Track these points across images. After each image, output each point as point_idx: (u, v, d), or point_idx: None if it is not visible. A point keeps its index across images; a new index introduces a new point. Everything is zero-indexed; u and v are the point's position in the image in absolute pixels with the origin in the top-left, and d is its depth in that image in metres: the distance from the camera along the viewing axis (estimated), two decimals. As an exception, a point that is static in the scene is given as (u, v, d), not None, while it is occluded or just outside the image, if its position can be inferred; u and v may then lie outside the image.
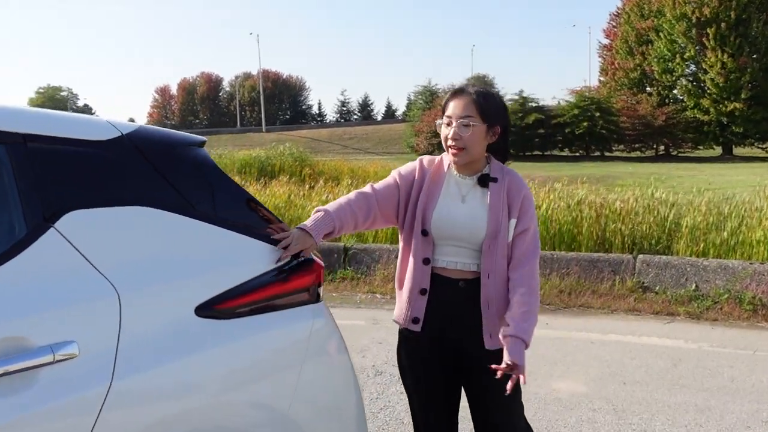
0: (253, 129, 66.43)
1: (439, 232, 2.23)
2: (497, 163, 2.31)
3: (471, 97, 2.21)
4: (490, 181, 2.24)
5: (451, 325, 2.25)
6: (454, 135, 2.18)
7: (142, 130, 1.86)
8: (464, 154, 2.20)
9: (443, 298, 2.24)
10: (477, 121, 2.18)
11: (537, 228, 2.27)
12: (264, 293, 1.83)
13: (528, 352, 2.17)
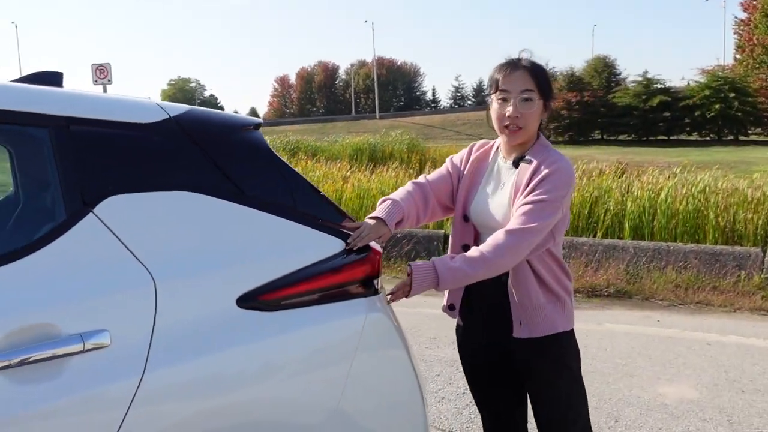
0: (367, 116, 67.30)
1: (479, 219, 2.13)
2: (544, 144, 2.10)
3: (528, 70, 2.02)
4: (522, 162, 2.07)
5: (487, 314, 2.14)
6: (515, 112, 2.01)
7: (192, 112, 1.79)
8: (522, 133, 2.04)
9: (481, 288, 2.10)
10: (536, 96, 2.01)
11: (549, 207, 1.95)
12: (313, 284, 1.71)
13: (633, 351, 1.98)
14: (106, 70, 10.56)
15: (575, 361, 2.13)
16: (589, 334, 4.78)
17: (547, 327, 2.05)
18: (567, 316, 2.10)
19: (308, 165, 14.91)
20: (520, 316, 2.06)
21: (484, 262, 1.94)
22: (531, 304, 2.04)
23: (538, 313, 2.04)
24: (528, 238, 1.95)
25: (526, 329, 2.05)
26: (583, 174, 11.10)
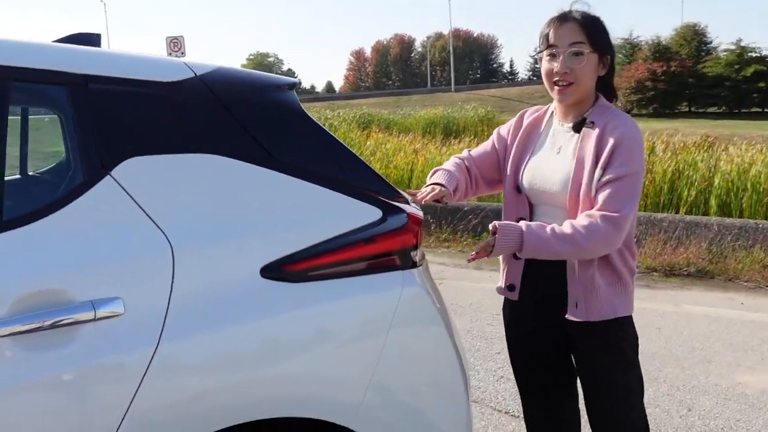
0: (442, 89, 66.61)
1: (532, 190, 1.95)
2: (605, 104, 1.91)
3: (578, 22, 1.84)
4: (585, 126, 1.87)
5: (548, 296, 1.96)
6: (563, 67, 1.83)
7: (221, 71, 1.68)
8: (573, 90, 1.85)
9: (539, 266, 1.93)
10: (588, 49, 1.82)
11: (636, 182, 1.79)
12: (343, 255, 1.59)
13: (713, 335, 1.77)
14: (180, 43, 10.73)
15: (633, 350, 1.95)
16: (664, 315, 4.49)
17: (606, 310, 1.87)
18: (628, 299, 1.92)
19: (380, 137, 14.83)
20: (577, 296, 1.88)
21: (574, 245, 1.77)
22: (591, 284, 1.86)
23: (598, 294, 1.86)
24: (625, 227, 1.78)
25: (583, 311, 1.87)
26: (667, 147, 10.54)
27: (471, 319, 4.59)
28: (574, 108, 1.91)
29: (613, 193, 1.77)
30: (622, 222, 1.77)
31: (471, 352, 3.95)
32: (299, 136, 1.70)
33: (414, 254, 1.70)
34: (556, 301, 1.92)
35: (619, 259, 1.88)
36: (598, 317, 1.86)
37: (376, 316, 1.62)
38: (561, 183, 1.87)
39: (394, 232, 1.67)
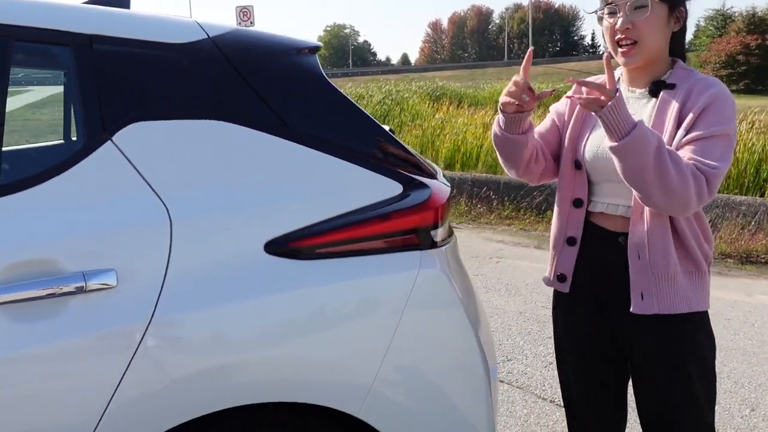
0: (519, 62, 64.84)
1: (595, 165, 1.70)
2: (685, 68, 1.66)
3: None
4: (664, 88, 1.62)
5: (605, 287, 1.73)
6: (624, 23, 1.59)
7: (237, 32, 1.59)
8: (639, 50, 1.61)
9: (598, 254, 1.72)
10: (652, 0, 1.57)
11: (728, 144, 1.54)
12: (355, 232, 1.49)
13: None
14: (249, 13, 10.76)
15: (710, 352, 1.69)
16: (735, 306, 4.19)
17: (679, 303, 1.63)
18: (705, 291, 1.67)
19: (450, 111, 14.59)
20: (643, 285, 1.63)
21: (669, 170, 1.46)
22: (665, 272, 1.61)
23: (671, 284, 1.62)
24: (715, 186, 1.52)
25: (651, 303, 1.62)
26: (753, 126, 9.89)
27: (525, 301, 4.42)
28: (646, 71, 1.66)
29: (702, 150, 1.51)
30: (716, 177, 1.50)
31: (521, 336, 3.79)
32: (318, 104, 1.59)
33: (434, 233, 1.57)
34: (617, 294, 1.69)
35: (696, 243, 1.64)
36: (668, 309, 1.62)
37: (390, 298, 1.51)
38: None
39: (413, 209, 1.54)
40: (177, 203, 1.37)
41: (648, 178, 1.48)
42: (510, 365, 3.40)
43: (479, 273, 5.08)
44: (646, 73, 1.67)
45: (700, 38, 50.31)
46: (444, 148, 11.27)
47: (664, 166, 1.47)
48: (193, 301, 1.34)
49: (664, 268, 1.61)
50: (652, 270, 1.62)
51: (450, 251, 1.71)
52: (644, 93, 1.67)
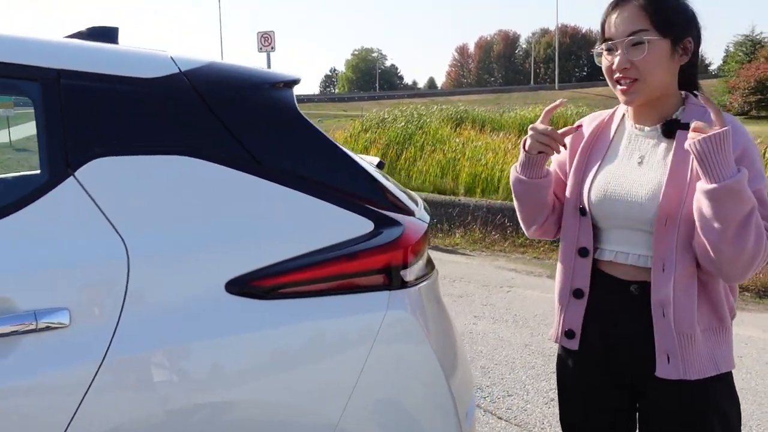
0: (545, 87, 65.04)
1: (602, 210, 1.59)
2: (698, 104, 1.54)
3: (637, 3, 1.50)
4: (679, 128, 1.51)
5: (619, 341, 1.60)
6: (622, 62, 1.50)
7: (211, 67, 1.58)
8: (640, 88, 1.51)
9: (608, 305, 1.60)
10: (653, 35, 1.48)
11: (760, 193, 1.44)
12: (320, 272, 1.45)
13: None
14: (270, 38, 10.90)
15: (735, 415, 1.57)
16: (749, 342, 4.05)
17: (706, 365, 1.51)
18: (730, 348, 1.56)
19: (471, 135, 14.56)
20: (668, 347, 1.50)
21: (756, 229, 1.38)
22: (690, 332, 1.49)
23: (697, 344, 1.50)
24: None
25: (678, 367, 1.50)
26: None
27: (532, 333, 4.33)
28: (654, 107, 1.56)
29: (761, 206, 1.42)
30: None
31: (525, 370, 3.71)
32: (290, 140, 1.57)
33: (405, 273, 1.53)
34: (632, 349, 1.57)
35: (723, 297, 1.53)
36: (697, 374, 1.50)
37: (355, 339, 1.47)
38: (647, 200, 1.51)
39: (383, 248, 1.51)
40: (136, 241, 1.35)
41: (728, 235, 1.37)
42: (510, 401, 3.32)
43: (488, 303, 5.01)
44: (655, 110, 1.57)
45: (729, 64, 49.74)
46: (464, 173, 11.24)
47: (747, 234, 1.37)
48: (148, 342, 1.32)
49: (690, 327, 1.49)
50: (677, 329, 1.49)
51: (427, 289, 1.66)
52: (653, 131, 1.57)
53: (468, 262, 6.32)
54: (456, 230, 7.32)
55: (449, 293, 5.22)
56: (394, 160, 13.06)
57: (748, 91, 40.90)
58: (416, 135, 14.54)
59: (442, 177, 11.64)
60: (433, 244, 7.14)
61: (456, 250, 6.87)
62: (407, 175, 12.28)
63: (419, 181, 11.81)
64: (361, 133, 15.86)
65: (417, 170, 12.19)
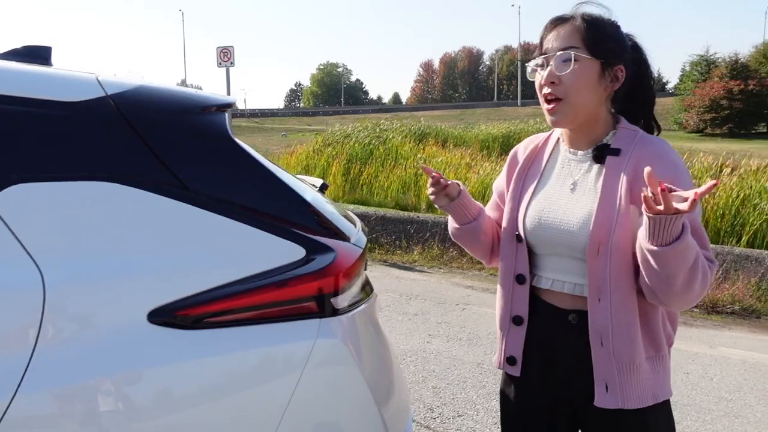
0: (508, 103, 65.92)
1: (537, 237, 1.59)
2: (629, 128, 1.55)
3: (575, 23, 1.51)
4: (608, 153, 1.52)
5: (559, 369, 1.60)
6: (549, 77, 1.50)
7: (140, 90, 1.56)
8: (564, 108, 1.50)
9: (548, 335, 1.61)
10: (583, 53, 1.48)
11: (700, 221, 1.47)
12: (247, 300, 1.42)
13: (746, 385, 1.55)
14: (230, 53, 10.82)
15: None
16: (695, 359, 4.13)
17: (644, 395, 1.51)
18: (667, 377, 1.57)
19: (432, 151, 14.65)
20: (607, 376, 1.50)
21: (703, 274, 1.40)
22: (629, 361, 1.49)
23: (635, 374, 1.50)
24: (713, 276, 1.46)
25: (616, 397, 1.49)
26: (731, 172, 9.99)
27: (485, 351, 4.34)
28: (585, 132, 1.56)
29: (697, 239, 1.41)
30: (713, 272, 1.44)
31: (476, 389, 3.71)
32: (221, 165, 1.55)
33: (336, 300, 1.51)
34: (572, 377, 1.57)
35: (662, 325, 1.54)
36: (636, 403, 1.50)
37: (283, 370, 1.44)
38: (579, 227, 1.51)
39: (313, 275, 1.48)
40: (54, 270, 1.31)
41: (675, 287, 1.38)
42: (460, 421, 3.31)
43: (443, 321, 5.01)
44: (586, 134, 1.57)
45: (685, 83, 51.14)
46: (426, 188, 11.28)
47: (694, 279, 1.38)
48: (64, 376, 1.27)
49: (627, 356, 1.49)
50: (616, 359, 1.49)
51: (361, 315, 1.65)
52: (585, 156, 1.57)
53: (425, 280, 6.32)
54: (414, 247, 7.33)
55: (405, 311, 5.22)
56: (357, 175, 13.07)
57: (703, 110, 42.08)
58: (378, 150, 14.59)
59: (404, 192, 11.68)
60: (391, 261, 7.13)
61: (414, 267, 6.88)
62: (369, 191, 12.30)
63: (381, 196, 11.83)
64: (323, 148, 15.84)
65: (379, 186, 12.21)
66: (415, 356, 4.20)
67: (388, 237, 7.55)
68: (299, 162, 15.70)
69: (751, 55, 47.19)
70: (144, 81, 1.65)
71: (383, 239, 7.56)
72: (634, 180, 1.46)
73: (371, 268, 6.80)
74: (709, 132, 41.09)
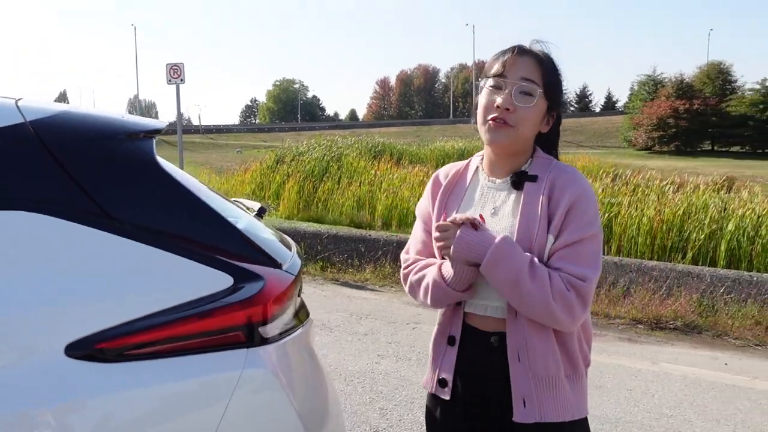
0: (464, 120, 66.71)
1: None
2: (544, 157, 1.66)
3: (537, 59, 1.59)
4: (526, 180, 1.60)
5: (484, 390, 1.64)
6: (506, 101, 1.56)
7: (62, 116, 1.52)
8: (510, 132, 1.57)
9: (474, 355, 1.65)
10: (538, 92, 1.57)
11: (598, 245, 1.56)
12: (170, 331, 1.39)
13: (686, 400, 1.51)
14: (180, 70, 10.69)
15: None
16: (638, 375, 4.20)
17: (562, 409, 1.57)
18: (584, 396, 1.64)
19: (387, 168, 14.70)
20: (524, 391, 1.56)
21: (543, 290, 1.49)
22: (546, 377, 1.56)
23: (552, 390, 1.56)
24: (590, 299, 1.54)
25: (533, 411, 1.55)
26: (677, 189, 10.31)
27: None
28: (509, 161, 1.64)
29: (574, 258, 1.52)
30: (588, 292, 1.51)
31: (423, 410, 3.68)
32: (145, 191, 1.52)
33: (264, 329, 1.49)
34: (496, 398, 1.61)
35: (577, 344, 1.61)
36: (553, 417, 1.55)
37: (207, 402, 1.41)
38: None
39: (239, 304, 1.46)
40: (-37, 303, 1.26)
41: (526, 293, 1.49)
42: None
43: (393, 340, 5.00)
44: (508, 163, 1.64)
45: (633, 102, 52.64)
46: (380, 206, 11.31)
47: (542, 283, 1.48)
48: (-29, 414, 1.22)
49: (544, 371, 1.55)
50: (532, 374, 1.55)
51: (293, 343, 1.63)
52: (504, 183, 1.64)
53: (377, 299, 6.31)
54: (366, 266, 7.31)
55: (355, 331, 5.19)
56: (311, 192, 13.01)
57: (651, 128, 43.34)
58: (333, 167, 14.57)
59: (358, 210, 11.67)
60: (343, 280, 7.10)
61: (365, 286, 6.86)
62: (324, 208, 12.24)
63: (336, 214, 11.79)
64: (278, 165, 15.74)
65: (334, 203, 12.17)
66: (363, 377, 4.18)
67: (340, 255, 7.53)
68: (253, 179, 15.57)
69: (696, 76, 48.89)
70: (68, 107, 1.62)
71: (335, 258, 7.53)
72: (550, 202, 1.56)
73: (322, 287, 6.76)
74: (657, 149, 42.34)
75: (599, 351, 4.71)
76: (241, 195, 14.43)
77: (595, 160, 25.57)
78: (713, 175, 16.91)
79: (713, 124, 42.47)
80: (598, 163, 23.37)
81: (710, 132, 43.20)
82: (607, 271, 6.07)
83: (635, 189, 10.08)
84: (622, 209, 8.19)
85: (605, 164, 20.66)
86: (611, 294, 5.84)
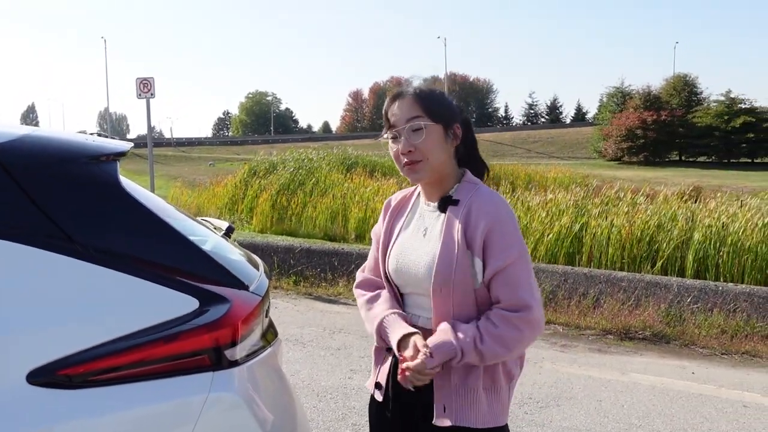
0: (437, 132, 66.99)
1: (397, 278, 1.80)
2: (472, 180, 1.78)
3: (412, 95, 1.74)
4: (449, 204, 1.74)
5: (412, 400, 1.76)
6: (406, 146, 1.71)
7: (24, 140, 1.51)
8: (425, 167, 1.71)
9: None
10: (427, 120, 1.70)
11: (526, 264, 1.68)
12: (134, 356, 1.39)
13: (654, 410, 1.56)
14: (150, 84, 10.62)
15: None
16: (608, 386, 4.25)
17: (477, 417, 1.67)
18: (502, 407, 1.74)
19: (360, 181, 14.71)
20: (445, 397, 1.69)
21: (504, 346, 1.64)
22: (462, 385, 1.68)
23: (470, 397, 1.68)
24: (541, 314, 1.67)
25: (451, 414, 1.67)
26: (647, 199, 10.44)
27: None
28: (437, 186, 1.77)
29: (510, 286, 1.64)
30: (536, 316, 1.64)
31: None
32: (109, 215, 1.51)
33: (230, 352, 1.49)
34: (422, 403, 1.73)
35: (500, 363, 1.71)
36: (467, 423, 1.66)
37: (174, 426, 1.40)
38: (425, 268, 1.71)
39: (205, 327, 1.46)
40: None
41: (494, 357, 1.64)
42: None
43: (366, 354, 4.99)
44: (437, 188, 1.77)
45: (602, 113, 53.49)
46: (353, 219, 11.32)
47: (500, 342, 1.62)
48: (-71, 445, 1.20)
49: (463, 380, 1.67)
50: (453, 384, 1.67)
51: (260, 364, 1.63)
52: (436, 206, 1.77)
53: (350, 313, 6.30)
54: (339, 279, 7.31)
55: (328, 346, 5.18)
56: (285, 206, 12.97)
57: (620, 139, 44.04)
58: (306, 180, 14.53)
59: (332, 223, 11.66)
60: (316, 294, 7.08)
61: (338, 300, 6.84)
62: (298, 221, 12.21)
63: (310, 227, 11.76)
64: (250, 178, 15.65)
65: (307, 216, 12.15)
66: (336, 393, 4.17)
67: (313, 269, 7.51)
68: (226, 193, 15.47)
69: (663, 87, 49.86)
70: (32, 129, 1.61)
71: (308, 272, 7.51)
72: (467, 226, 1.68)
73: (295, 302, 6.73)
74: (626, 160, 43.05)
75: (570, 362, 4.77)
76: (213, 209, 14.34)
77: (566, 171, 25.91)
78: (681, 185, 17.25)
79: (680, 134, 43.34)
80: (570, 174, 23.69)
81: (677, 143, 44.05)
82: (577, 282, 6.14)
83: (607, 201, 10.19)
84: (592, 220, 8.30)
85: (576, 175, 20.92)
86: (582, 305, 5.92)
